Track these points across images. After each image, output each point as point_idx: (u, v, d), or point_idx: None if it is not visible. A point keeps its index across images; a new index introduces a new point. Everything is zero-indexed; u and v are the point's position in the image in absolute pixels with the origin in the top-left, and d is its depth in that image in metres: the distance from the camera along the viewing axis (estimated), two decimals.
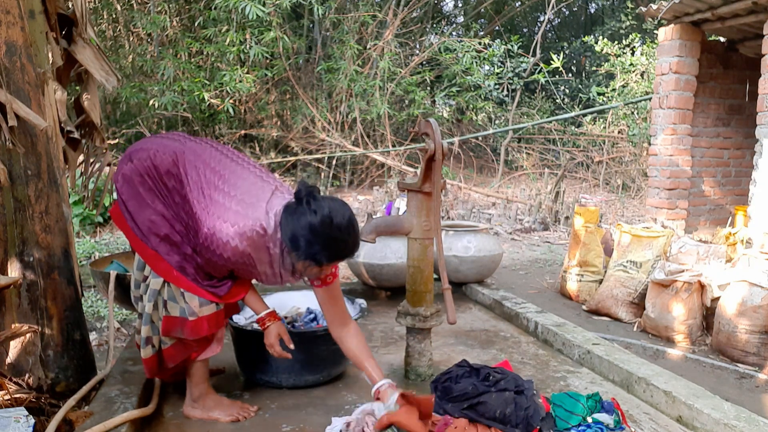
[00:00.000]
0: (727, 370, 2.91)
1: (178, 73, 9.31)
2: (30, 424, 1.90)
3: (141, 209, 1.97)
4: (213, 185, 1.95)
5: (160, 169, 1.96)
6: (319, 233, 1.83)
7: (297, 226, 1.85)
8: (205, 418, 2.14)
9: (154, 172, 1.96)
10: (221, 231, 1.88)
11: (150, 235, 1.97)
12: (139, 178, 1.96)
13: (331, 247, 1.87)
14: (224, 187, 1.94)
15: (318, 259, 1.88)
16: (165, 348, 2.07)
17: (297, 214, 1.86)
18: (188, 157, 1.98)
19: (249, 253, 1.91)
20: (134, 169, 1.97)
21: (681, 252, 3.48)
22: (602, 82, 12.20)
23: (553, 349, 2.97)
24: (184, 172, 1.96)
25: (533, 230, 7.05)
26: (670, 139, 5.20)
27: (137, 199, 1.97)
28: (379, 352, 2.89)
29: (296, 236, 1.85)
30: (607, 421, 2.08)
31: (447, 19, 15.20)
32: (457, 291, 4.00)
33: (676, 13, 4.95)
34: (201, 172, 1.96)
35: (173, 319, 2.01)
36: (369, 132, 10.35)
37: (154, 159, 1.96)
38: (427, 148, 2.32)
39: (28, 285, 2.22)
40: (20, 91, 2.15)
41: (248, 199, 1.93)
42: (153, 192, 1.97)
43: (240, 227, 1.87)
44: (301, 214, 1.85)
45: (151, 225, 1.97)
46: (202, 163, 1.98)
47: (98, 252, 5.20)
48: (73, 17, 2.58)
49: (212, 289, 2.02)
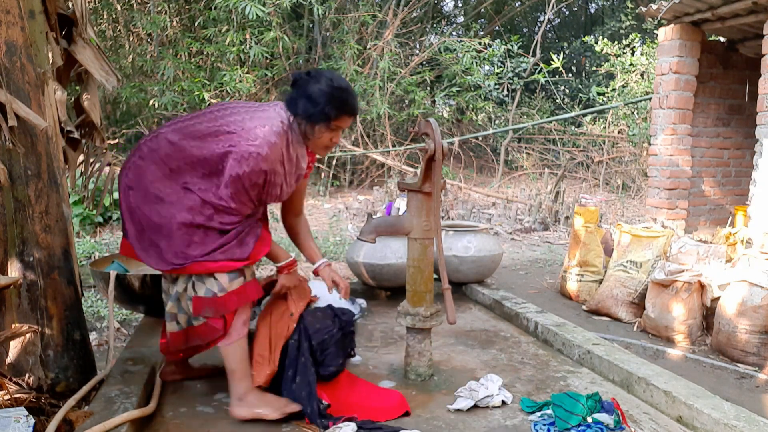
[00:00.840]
0: (727, 370, 2.91)
1: (178, 73, 9.32)
2: (30, 424, 1.90)
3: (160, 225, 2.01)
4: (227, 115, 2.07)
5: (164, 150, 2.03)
6: (327, 92, 2.03)
7: (306, 93, 2.04)
8: (253, 416, 2.09)
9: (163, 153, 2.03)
10: (259, 135, 1.97)
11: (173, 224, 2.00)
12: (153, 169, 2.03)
13: (340, 100, 2.06)
14: (236, 110, 2.09)
15: (331, 115, 2.05)
16: (197, 325, 2.08)
17: (301, 86, 2.06)
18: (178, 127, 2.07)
19: (281, 149, 2.02)
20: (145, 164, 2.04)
21: (681, 252, 3.48)
22: (602, 82, 12.21)
23: (553, 349, 2.98)
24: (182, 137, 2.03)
25: (533, 230, 7.05)
26: (670, 139, 5.20)
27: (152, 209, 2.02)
28: (379, 352, 2.89)
29: (307, 102, 2.03)
30: (607, 421, 2.08)
31: (447, 19, 15.20)
32: (457, 291, 4.00)
33: (676, 13, 4.95)
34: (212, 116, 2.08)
35: (201, 299, 2.03)
36: (369, 132, 10.35)
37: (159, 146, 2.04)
38: (427, 148, 2.32)
39: (28, 285, 2.22)
40: (20, 91, 2.15)
41: (252, 110, 2.09)
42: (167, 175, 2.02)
43: (270, 125, 2.01)
44: (306, 83, 2.06)
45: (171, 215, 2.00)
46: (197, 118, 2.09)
47: (98, 252, 5.20)
48: (73, 17, 2.58)
49: (238, 252, 2.03)
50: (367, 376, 2.58)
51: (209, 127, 2.02)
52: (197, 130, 2.03)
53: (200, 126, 2.04)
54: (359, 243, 3.74)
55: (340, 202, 8.54)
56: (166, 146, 2.02)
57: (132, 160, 2.07)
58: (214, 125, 2.02)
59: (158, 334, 2.75)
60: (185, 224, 1.98)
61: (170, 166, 2.02)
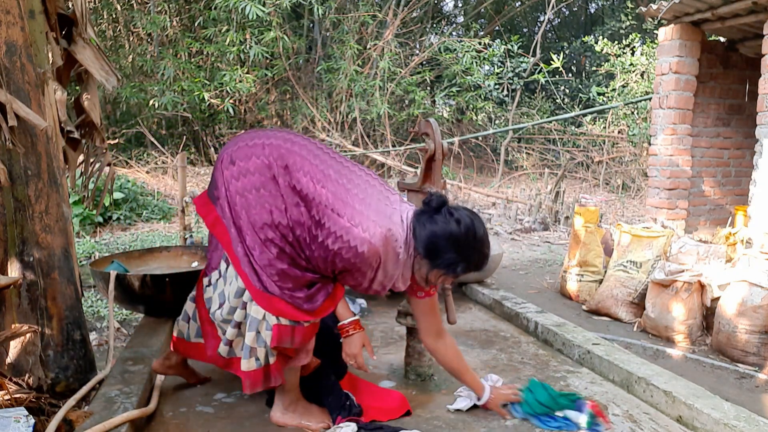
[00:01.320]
0: (727, 370, 2.91)
1: (178, 73, 9.32)
2: (30, 424, 1.90)
3: (256, 222, 1.86)
4: (342, 188, 1.86)
5: (288, 163, 1.85)
6: (461, 243, 1.82)
7: (438, 235, 1.82)
8: (297, 424, 2.08)
9: (280, 171, 1.85)
10: (362, 225, 1.79)
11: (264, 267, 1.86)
12: (257, 172, 1.86)
13: (470, 259, 1.86)
14: (355, 192, 1.86)
15: (455, 269, 1.85)
16: (273, 362, 1.95)
17: (436, 221, 1.83)
18: (306, 158, 1.88)
19: (371, 261, 1.82)
20: (252, 160, 1.87)
21: (681, 252, 3.48)
22: (602, 82, 12.21)
23: (553, 349, 2.97)
24: (313, 167, 1.86)
25: (533, 230, 7.05)
26: (670, 139, 5.20)
27: (252, 207, 1.86)
28: (379, 352, 2.89)
29: (436, 245, 1.82)
30: (577, 419, 2.09)
31: (447, 19, 15.20)
32: (457, 291, 4.00)
33: (676, 13, 4.95)
34: (323, 172, 1.87)
35: (285, 328, 1.89)
36: (369, 132, 10.36)
37: (276, 159, 1.86)
38: (427, 148, 2.33)
39: (28, 285, 2.22)
40: (20, 91, 2.15)
41: (380, 207, 1.86)
42: (272, 195, 1.85)
43: (380, 224, 1.81)
44: (442, 222, 1.82)
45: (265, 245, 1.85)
46: (322, 164, 1.89)
47: (98, 252, 5.20)
48: (73, 17, 2.58)
49: (306, 306, 1.91)
50: (367, 376, 2.58)
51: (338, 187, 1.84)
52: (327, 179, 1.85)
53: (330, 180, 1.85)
54: None
55: None
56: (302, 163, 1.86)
57: (257, 140, 1.91)
58: (344, 189, 1.84)
59: (158, 334, 2.75)
60: (266, 237, 1.85)
61: (289, 180, 1.84)
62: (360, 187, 1.88)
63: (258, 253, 1.87)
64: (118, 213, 6.52)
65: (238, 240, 1.90)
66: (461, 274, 1.88)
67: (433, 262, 1.85)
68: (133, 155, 9.40)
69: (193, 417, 2.18)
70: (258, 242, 1.86)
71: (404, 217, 1.87)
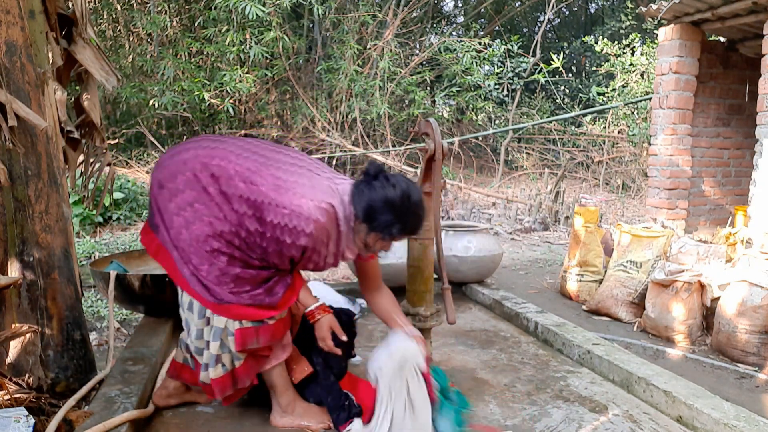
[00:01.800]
0: (727, 370, 2.91)
1: (178, 73, 9.31)
2: (30, 424, 1.90)
3: (191, 240, 1.86)
4: (273, 178, 1.88)
5: (213, 171, 1.86)
6: (397, 207, 1.88)
7: (375, 198, 1.88)
8: (296, 425, 2.08)
9: (208, 180, 1.85)
10: (302, 207, 1.82)
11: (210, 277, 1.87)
12: (186, 189, 1.87)
13: (407, 222, 1.92)
14: (287, 177, 1.89)
15: (392, 232, 1.91)
16: (239, 365, 1.98)
17: (374, 187, 1.89)
18: (230, 159, 1.89)
19: (327, 229, 1.86)
20: (179, 179, 1.87)
21: (681, 252, 3.48)
22: (602, 82, 12.21)
23: (553, 349, 2.97)
24: (240, 167, 1.87)
25: (533, 230, 7.05)
26: (670, 139, 5.19)
27: (185, 223, 1.87)
28: None
29: (373, 209, 1.88)
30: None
31: (447, 19, 15.20)
32: (457, 291, 4.00)
33: (676, 13, 4.95)
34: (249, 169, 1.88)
35: (248, 330, 1.91)
36: (369, 132, 10.35)
37: (201, 170, 1.86)
38: (427, 148, 2.33)
39: (28, 285, 2.22)
40: (20, 91, 2.15)
41: (316, 185, 1.90)
42: (207, 206, 1.85)
43: (319, 200, 1.85)
44: (380, 188, 1.89)
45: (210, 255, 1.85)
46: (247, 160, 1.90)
47: (98, 252, 5.20)
48: (73, 17, 2.58)
49: (267, 299, 1.93)
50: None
51: (268, 179, 1.86)
52: (255, 174, 1.87)
53: (259, 175, 1.87)
54: None
55: None
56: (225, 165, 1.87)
57: (179, 156, 1.91)
58: (275, 179, 1.86)
59: (158, 334, 2.75)
60: (212, 248, 1.85)
61: (218, 185, 1.86)
62: (291, 171, 1.91)
63: (207, 268, 1.87)
64: (118, 213, 6.52)
65: (182, 262, 1.90)
66: (397, 236, 1.94)
67: (371, 225, 1.90)
68: (133, 155, 9.40)
69: (193, 417, 2.18)
70: (205, 256, 1.86)
71: (342, 189, 1.93)
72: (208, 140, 1.98)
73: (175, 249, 1.91)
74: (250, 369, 2.01)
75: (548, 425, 2.16)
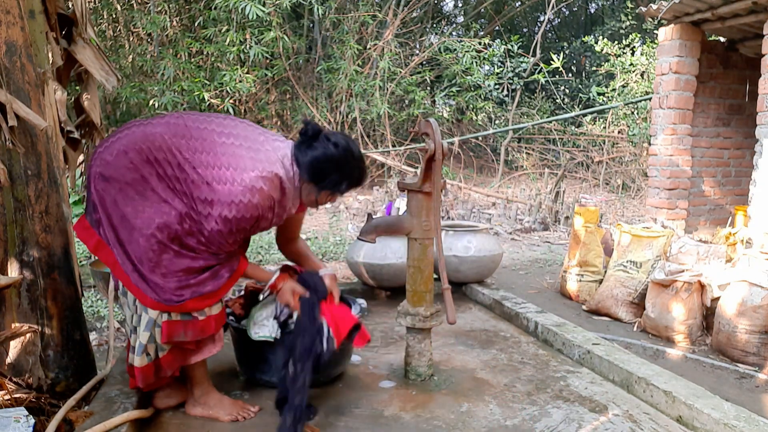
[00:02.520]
0: (727, 370, 2.91)
1: (178, 73, 9.32)
2: (30, 424, 1.90)
3: (132, 230, 1.86)
4: (213, 155, 1.89)
5: (151, 157, 1.86)
6: (341, 163, 1.98)
7: (319, 158, 1.95)
8: (206, 415, 2.15)
9: (145, 156, 1.85)
10: (245, 180, 1.85)
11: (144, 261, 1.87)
12: (129, 180, 1.86)
13: (353, 176, 2.03)
14: (225, 150, 1.90)
15: (339, 187, 2.01)
16: (162, 355, 2.01)
17: (315, 148, 1.96)
18: (169, 142, 1.89)
19: (272, 196, 1.91)
20: (119, 170, 1.86)
21: (681, 252, 3.48)
22: (602, 82, 12.21)
23: (553, 349, 2.97)
24: (176, 150, 1.87)
25: (533, 230, 7.05)
26: (670, 139, 5.20)
27: (127, 213, 1.86)
28: (379, 352, 2.89)
29: (320, 168, 1.95)
30: None
31: (447, 19, 15.20)
32: (457, 291, 4.00)
33: (676, 13, 4.95)
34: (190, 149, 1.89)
35: (175, 324, 1.94)
36: (369, 132, 10.36)
37: (141, 162, 1.86)
38: (427, 148, 2.32)
39: (28, 285, 2.22)
40: (20, 91, 2.15)
41: (255, 154, 1.92)
42: (147, 189, 1.86)
43: (260, 170, 1.88)
44: (322, 148, 1.96)
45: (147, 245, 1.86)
46: (184, 138, 1.91)
47: None
48: (73, 17, 2.58)
49: (210, 285, 1.96)
50: (367, 375, 2.58)
51: (206, 157, 1.88)
52: (195, 148, 1.89)
53: (198, 144, 1.89)
54: (359, 243, 3.74)
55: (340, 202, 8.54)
56: (161, 147, 1.87)
57: (114, 146, 1.89)
58: (212, 156, 1.88)
59: None
60: (158, 240, 1.86)
61: (158, 171, 1.87)
62: (229, 143, 1.91)
63: (152, 265, 1.87)
64: None
65: (125, 257, 1.90)
66: (345, 190, 2.05)
67: (319, 184, 1.99)
68: None
69: (193, 417, 2.18)
70: (152, 250, 1.86)
71: (283, 154, 1.96)
72: (143, 123, 1.95)
73: (117, 244, 1.90)
74: (174, 360, 2.04)
75: (548, 425, 2.16)
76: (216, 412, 2.15)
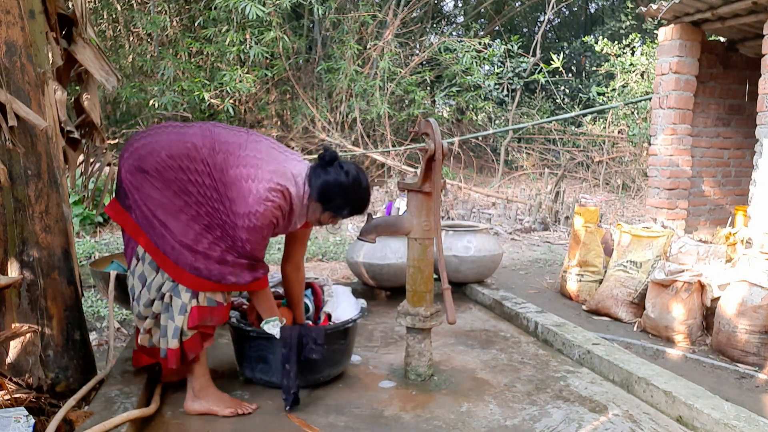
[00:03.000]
0: (727, 370, 2.91)
1: (178, 73, 9.31)
2: (30, 424, 1.90)
3: (172, 220, 2.03)
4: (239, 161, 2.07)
5: (183, 165, 2.02)
6: (349, 192, 2.15)
7: (330, 182, 2.12)
8: (205, 410, 2.19)
9: (178, 163, 2.02)
10: (260, 191, 2.01)
11: (184, 249, 2.03)
12: (163, 178, 2.02)
13: (355, 205, 2.20)
14: (252, 155, 2.08)
15: (342, 212, 2.19)
16: (186, 340, 2.11)
17: (329, 172, 2.14)
18: (206, 140, 2.07)
19: (281, 205, 2.07)
20: (155, 168, 2.02)
21: (681, 252, 3.48)
22: (602, 82, 12.20)
23: (553, 349, 2.97)
24: (208, 155, 2.05)
25: (533, 230, 7.05)
26: (670, 139, 5.20)
27: (165, 207, 2.03)
28: (379, 352, 2.89)
29: (328, 191, 2.13)
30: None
31: (447, 19, 15.20)
32: (457, 291, 4.00)
33: (676, 13, 4.95)
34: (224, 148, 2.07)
35: (203, 309, 2.09)
36: (369, 132, 10.35)
37: (175, 156, 2.03)
38: (427, 148, 2.32)
39: (28, 285, 2.22)
40: (20, 91, 2.15)
41: (276, 168, 2.08)
42: (181, 191, 2.03)
43: (275, 183, 2.04)
44: (334, 173, 2.13)
45: (185, 236, 2.03)
46: (220, 140, 2.09)
47: (98, 252, 5.20)
48: (73, 17, 2.58)
49: (250, 276, 2.12)
50: (367, 375, 2.59)
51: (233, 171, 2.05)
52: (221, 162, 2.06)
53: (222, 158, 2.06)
54: (359, 243, 3.74)
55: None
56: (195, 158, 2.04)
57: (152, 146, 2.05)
58: (235, 169, 2.05)
59: None
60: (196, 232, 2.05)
61: (190, 178, 2.04)
62: (252, 156, 2.08)
63: (192, 244, 2.04)
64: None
65: (163, 238, 2.04)
66: (347, 216, 2.22)
67: (325, 205, 2.16)
68: None
69: (193, 417, 2.18)
70: (189, 237, 2.04)
71: (296, 172, 2.12)
72: (176, 130, 2.11)
73: (158, 225, 2.04)
74: (195, 345, 2.13)
75: (548, 425, 2.16)
76: (214, 407, 2.19)
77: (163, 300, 2.10)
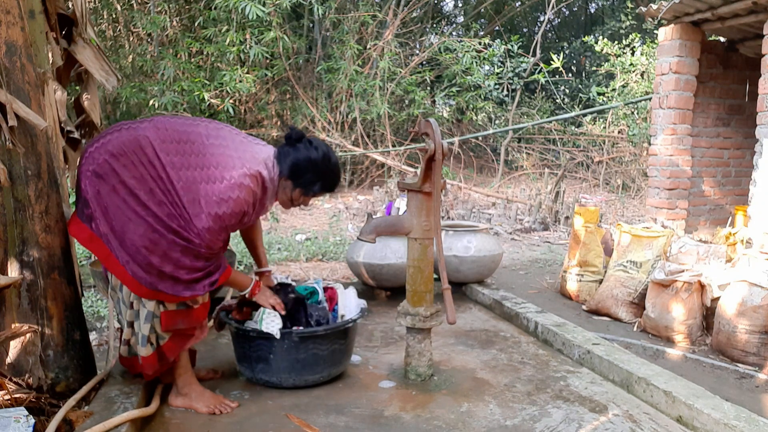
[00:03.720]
0: (727, 370, 2.91)
1: (178, 73, 9.31)
2: (30, 424, 1.90)
3: (127, 223, 1.97)
4: (204, 157, 2.04)
5: (135, 160, 1.97)
6: (318, 166, 2.16)
7: (300, 159, 2.13)
8: (186, 406, 2.23)
9: (131, 159, 1.97)
10: (234, 177, 2.00)
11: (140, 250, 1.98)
12: (119, 181, 1.97)
13: (326, 180, 2.20)
14: (216, 151, 2.05)
15: (313, 188, 2.19)
16: (163, 343, 2.13)
17: (298, 149, 2.15)
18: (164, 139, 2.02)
19: (255, 192, 2.06)
20: (111, 170, 1.97)
21: (681, 252, 3.48)
22: (602, 82, 12.21)
23: (553, 349, 2.97)
24: (164, 154, 1.99)
25: (533, 230, 7.05)
26: (670, 139, 5.19)
27: (121, 209, 1.97)
28: (379, 352, 2.89)
29: (298, 167, 2.13)
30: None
31: (447, 19, 15.21)
32: (457, 291, 4.00)
33: (676, 13, 4.95)
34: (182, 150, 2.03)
35: (172, 314, 2.09)
36: (369, 132, 10.35)
37: (128, 153, 1.98)
38: (427, 148, 2.32)
39: (28, 285, 2.22)
40: (20, 91, 2.15)
41: (243, 154, 2.07)
42: (139, 188, 1.97)
43: (247, 169, 2.03)
44: (304, 150, 2.15)
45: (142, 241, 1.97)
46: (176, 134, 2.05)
47: None
48: (73, 17, 2.58)
49: (205, 283, 2.09)
50: (367, 375, 2.59)
51: (195, 159, 2.02)
52: (184, 151, 2.02)
53: (187, 147, 2.03)
54: (359, 243, 3.74)
55: (340, 202, 8.54)
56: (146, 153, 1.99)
57: (105, 147, 2.00)
58: (201, 157, 2.02)
59: None
60: (150, 239, 1.98)
61: (143, 173, 1.98)
62: (217, 144, 2.06)
63: (148, 253, 1.99)
64: None
65: (121, 248, 2.00)
66: (318, 193, 2.22)
67: (296, 182, 2.16)
68: None
69: (193, 417, 2.18)
70: (145, 246, 1.98)
71: (266, 156, 2.12)
72: (128, 128, 2.05)
73: (114, 237, 2.00)
74: (175, 346, 2.15)
75: (548, 425, 2.16)
76: (195, 404, 2.22)
77: (133, 308, 2.12)
